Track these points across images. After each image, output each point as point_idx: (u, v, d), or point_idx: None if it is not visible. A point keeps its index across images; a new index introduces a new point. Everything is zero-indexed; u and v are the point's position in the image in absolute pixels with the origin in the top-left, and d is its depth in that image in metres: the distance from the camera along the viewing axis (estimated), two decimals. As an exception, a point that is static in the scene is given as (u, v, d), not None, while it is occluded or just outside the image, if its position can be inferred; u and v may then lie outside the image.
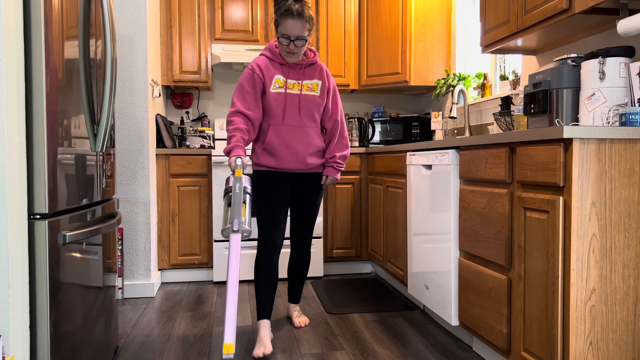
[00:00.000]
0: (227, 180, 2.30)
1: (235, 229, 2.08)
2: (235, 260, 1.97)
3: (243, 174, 2.24)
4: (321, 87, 2.49)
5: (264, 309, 2.44)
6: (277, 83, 2.42)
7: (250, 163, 2.23)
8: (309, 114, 2.46)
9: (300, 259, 2.68)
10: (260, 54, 2.49)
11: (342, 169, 2.57)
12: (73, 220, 1.67)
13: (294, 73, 2.45)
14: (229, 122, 2.38)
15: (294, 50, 2.37)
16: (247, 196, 2.23)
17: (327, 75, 2.53)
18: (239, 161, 2.27)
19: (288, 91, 2.42)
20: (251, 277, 3.65)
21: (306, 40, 2.36)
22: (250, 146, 3.61)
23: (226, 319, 1.92)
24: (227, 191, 2.25)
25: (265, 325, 2.41)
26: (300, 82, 2.45)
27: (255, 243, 3.63)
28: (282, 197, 2.47)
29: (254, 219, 3.52)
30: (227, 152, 2.33)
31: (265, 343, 2.31)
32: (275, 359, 2.26)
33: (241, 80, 2.43)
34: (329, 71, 2.66)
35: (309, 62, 2.47)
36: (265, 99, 2.42)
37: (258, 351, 2.27)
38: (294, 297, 2.79)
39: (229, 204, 2.20)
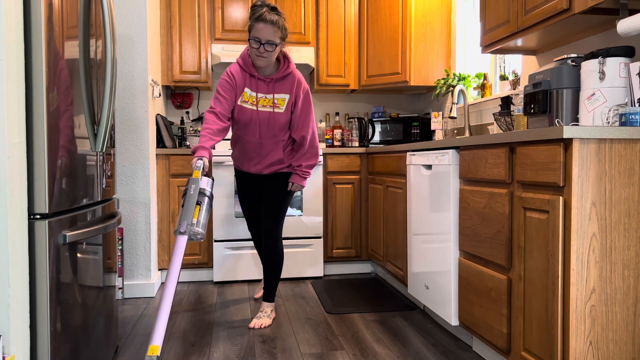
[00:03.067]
0: (189, 180, 2.22)
1: (181, 230, 1.99)
2: (177, 262, 1.86)
3: (204, 176, 2.24)
4: (287, 102, 2.60)
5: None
6: (244, 97, 2.56)
7: (209, 165, 2.61)
8: (271, 132, 2.62)
9: (267, 252, 2.74)
10: (236, 62, 2.60)
11: (309, 176, 2.73)
12: (73, 220, 1.67)
13: (264, 86, 2.57)
14: (204, 120, 2.51)
15: (264, 54, 2.46)
16: (205, 198, 2.17)
17: (298, 87, 2.61)
18: (199, 163, 2.29)
19: (259, 108, 2.56)
20: (253, 277, 3.65)
21: (276, 45, 2.46)
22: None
23: (157, 321, 1.76)
24: (185, 192, 2.18)
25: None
26: (269, 96, 2.58)
27: (249, 243, 3.64)
28: (251, 193, 2.88)
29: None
30: (193, 152, 2.39)
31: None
32: (276, 359, 2.26)
33: (218, 86, 2.57)
34: (304, 82, 2.65)
35: (281, 75, 2.58)
36: (236, 108, 2.60)
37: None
38: (265, 293, 2.80)
39: (183, 205, 2.13)
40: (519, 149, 1.83)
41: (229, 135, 4.18)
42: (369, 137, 4.23)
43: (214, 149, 2.50)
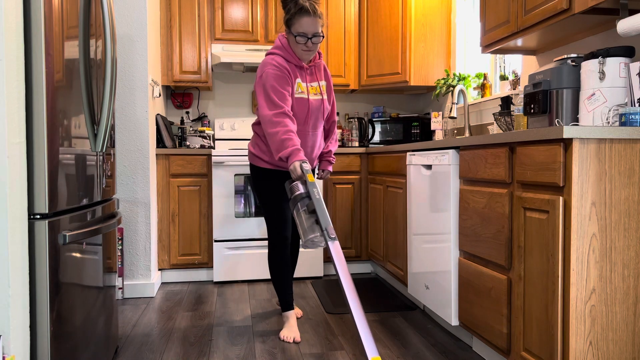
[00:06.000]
0: (292, 188, 2.10)
1: (332, 236, 1.88)
2: (345, 269, 1.73)
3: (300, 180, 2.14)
4: (327, 89, 2.59)
5: (289, 302, 2.59)
6: (300, 87, 2.40)
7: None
8: (320, 122, 2.55)
9: (296, 254, 2.90)
10: (275, 54, 2.40)
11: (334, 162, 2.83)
12: (73, 220, 1.67)
13: (309, 76, 2.47)
14: (276, 123, 2.24)
15: (311, 47, 2.34)
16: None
17: (327, 73, 2.62)
18: (306, 166, 2.14)
19: (310, 97, 2.43)
20: (253, 277, 3.64)
21: (323, 37, 2.35)
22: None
23: (363, 336, 1.61)
24: (298, 198, 2.07)
25: (293, 315, 2.58)
26: (316, 84, 2.48)
27: (257, 243, 3.63)
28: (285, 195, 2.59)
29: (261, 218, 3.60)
30: (286, 157, 2.20)
31: (296, 331, 2.49)
32: (276, 359, 2.26)
33: (272, 81, 2.31)
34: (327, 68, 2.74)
35: (316, 61, 2.52)
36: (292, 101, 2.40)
37: (288, 336, 2.46)
38: None
39: (312, 211, 2.01)
40: (519, 149, 1.83)
41: (235, 134, 4.19)
42: (369, 137, 4.23)
43: None
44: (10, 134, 1.37)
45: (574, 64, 2.05)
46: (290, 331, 2.49)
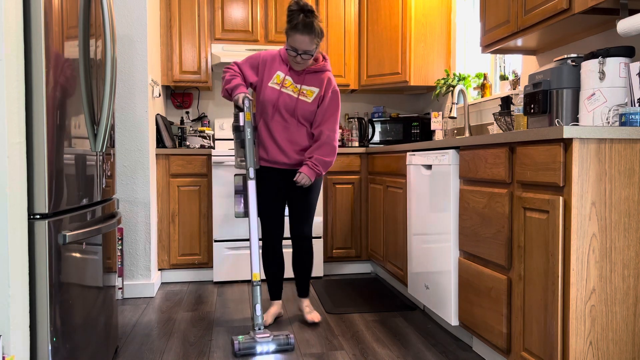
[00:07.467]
0: (235, 116, 2.46)
1: (252, 177, 2.31)
2: (254, 203, 2.31)
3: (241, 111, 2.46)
4: (315, 95, 2.61)
5: (274, 292, 2.81)
6: (276, 79, 2.58)
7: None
8: (296, 115, 2.59)
9: (302, 253, 2.78)
10: (278, 50, 2.69)
11: (319, 171, 2.58)
12: (73, 220, 1.67)
13: (295, 75, 2.61)
14: (228, 69, 2.61)
15: (300, 61, 2.52)
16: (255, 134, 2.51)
17: (328, 85, 2.64)
18: (247, 102, 2.45)
19: (282, 90, 2.58)
20: (250, 277, 3.64)
21: (312, 55, 2.51)
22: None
23: (252, 256, 2.22)
24: (237, 128, 2.44)
25: (274, 305, 2.81)
26: (298, 85, 2.60)
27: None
28: (276, 190, 2.68)
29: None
30: (231, 90, 2.53)
31: (267, 317, 2.72)
32: (276, 359, 2.26)
33: (246, 59, 2.66)
34: (335, 83, 2.69)
35: (314, 69, 2.62)
36: (261, 90, 2.59)
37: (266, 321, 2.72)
38: (302, 291, 2.83)
39: (242, 146, 2.43)
40: (519, 149, 1.83)
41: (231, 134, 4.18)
42: (369, 137, 4.23)
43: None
44: (10, 134, 1.37)
45: (574, 64, 2.05)
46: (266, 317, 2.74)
